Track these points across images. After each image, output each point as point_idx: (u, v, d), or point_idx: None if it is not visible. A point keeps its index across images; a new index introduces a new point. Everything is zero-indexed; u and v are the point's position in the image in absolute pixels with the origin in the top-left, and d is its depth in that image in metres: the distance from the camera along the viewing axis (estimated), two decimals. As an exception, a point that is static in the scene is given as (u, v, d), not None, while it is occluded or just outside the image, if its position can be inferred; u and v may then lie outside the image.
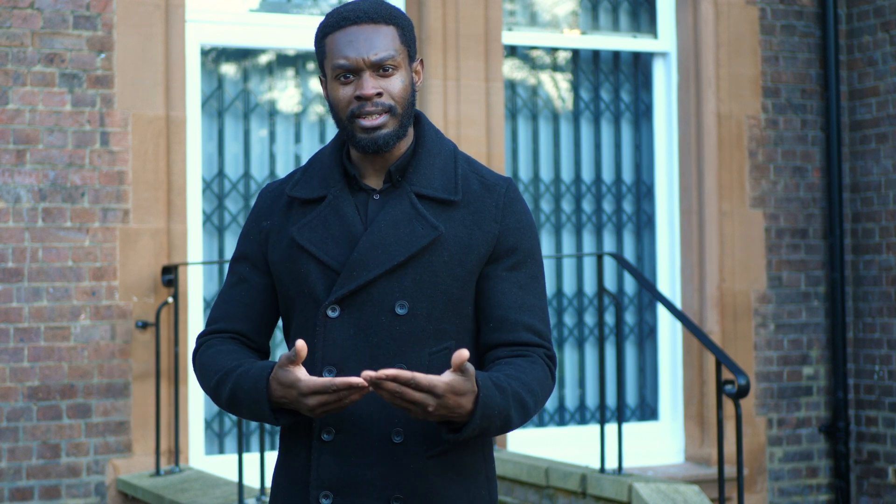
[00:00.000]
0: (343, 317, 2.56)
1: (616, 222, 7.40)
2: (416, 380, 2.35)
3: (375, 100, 2.55)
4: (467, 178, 2.64)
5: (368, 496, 2.54)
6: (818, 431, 7.45)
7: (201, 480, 5.89)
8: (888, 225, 7.32)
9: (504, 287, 2.60)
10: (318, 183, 2.66)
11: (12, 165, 6.04)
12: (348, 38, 2.57)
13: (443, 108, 6.72)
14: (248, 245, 2.72)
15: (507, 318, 2.59)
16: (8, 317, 6.02)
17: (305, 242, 2.60)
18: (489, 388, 2.43)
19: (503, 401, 2.45)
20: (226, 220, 6.64)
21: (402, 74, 2.59)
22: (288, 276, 2.63)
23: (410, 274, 2.55)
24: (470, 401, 2.40)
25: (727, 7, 7.31)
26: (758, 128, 7.38)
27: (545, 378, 2.58)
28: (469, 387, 2.39)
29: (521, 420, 2.52)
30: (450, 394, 2.37)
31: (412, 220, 2.57)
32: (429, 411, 2.38)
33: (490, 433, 2.49)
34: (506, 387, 2.47)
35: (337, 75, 2.58)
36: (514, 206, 2.63)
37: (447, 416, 2.40)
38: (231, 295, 2.73)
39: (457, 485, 2.58)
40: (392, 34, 2.58)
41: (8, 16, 6.05)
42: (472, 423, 2.41)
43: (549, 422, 7.24)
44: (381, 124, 2.56)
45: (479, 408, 2.40)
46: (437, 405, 2.37)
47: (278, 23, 6.74)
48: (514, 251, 2.61)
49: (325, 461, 2.56)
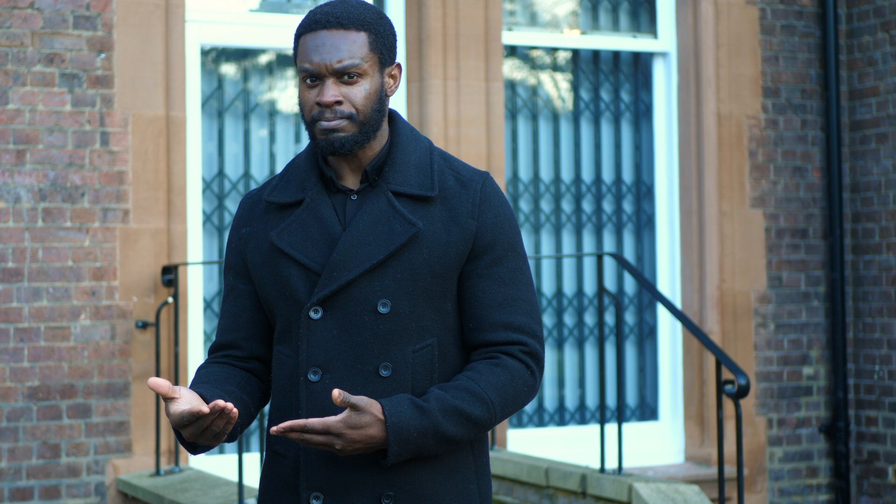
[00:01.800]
0: (326, 318, 2.58)
1: (616, 222, 7.40)
2: (308, 426, 2.44)
3: (335, 108, 2.57)
4: (443, 174, 2.65)
5: (359, 495, 2.56)
6: (818, 431, 7.45)
7: (201, 480, 5.89)
8: (888, 225, 7.32)
9: (483, 285, 2.61)
10: (295, 187, 2.67)
11: (12, 165, 6.04)
12: (316, 42, 2.58)
13: (443, 108, 6.72)
14: (232, 254, 2.75)
15: (485, 318, 2.61)
16: (8, 317, 6.02)
17: (285, 246, 2.62)
18: (402, 413, 2.48)
19: (424, 421, 2.49)
20: (226, 220, 6.64)
21: (368, 82, 2.59)
22: (269, 280, 2.65)
23: (391, 272, 2.57)
24: (379, 429, 2.47)
25: (727, 7, 7.31)
26: (758, 128, 7.38)
27: (511, 379, 2.59)
28: (367, 419, 2.46)
29: (472, 430, 2.55)
30: (348, 430, 2.45)
31: (390, 218, 2.59)
32: (339, 449, 2.46)
33: (428, 451, 2.53)
34: (430, 407, 2.50)
35: (303, 77, 2.60)
36: (490, 201, 2.64)
37: (364, 448, 2.48)
38: (224, 307, 2.78)
39: (446, 481, 2.60)
40: (361, 41, 2.59)
41: (8, 16, 6.06)
42: (390, 449, 2.48)
43: (549, 422, 7.24)
44: (337, 127, 2.57)
45: (390, 434, 2.47)
46: (344, 443, 2.46)
47: (278, 23, 6.74)
48: (493, 246, 2.62)
49: (314, 462, 2.58)
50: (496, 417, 2.57)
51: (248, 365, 2.75)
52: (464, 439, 2.56)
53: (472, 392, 2.54)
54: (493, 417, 2.56)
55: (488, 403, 2.55)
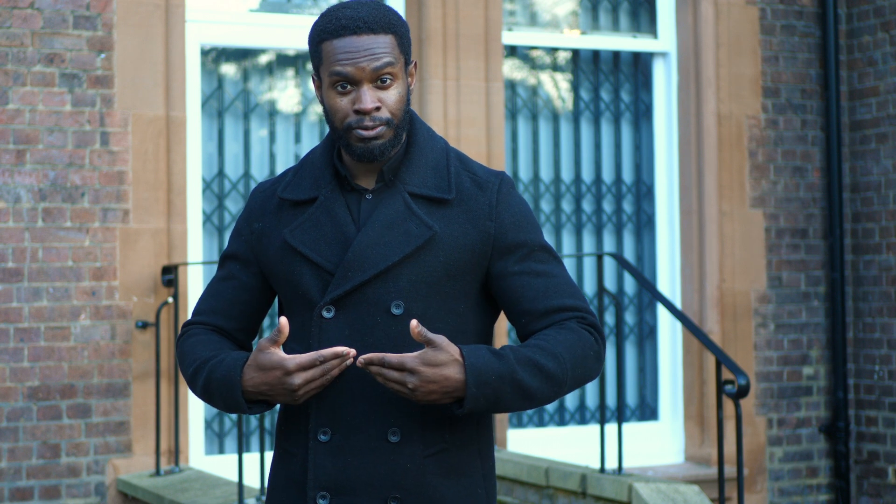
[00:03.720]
0: (338, 317, 2.57)
1: (616, 222, 7.40)
2: (385, 359, 2.39)
3: (374, 114, 2.55)
4: (460, 175, 2.64)
5: (366, 496, 2.54)
6: (818, 431, 7.45)
7: (201, 480, 5.89)
8: (888, 225, 7.32)
9: (521, 281, 2.60)
10: (309, 184, 2.66)
11: (12, 165, 6.04)
12: (347, 47, 2.54)
13: (443, 108, 6.72)
14: (239, 244, 2.73)
15: (535, 310, 2.59)
16: (8, 317, 6.02)
17: (298, 244, 2.61)
18: (480, 355, 2.44)
19: (502, 366, 2.44)
20: (226, 220, 6.64)
21: (399, 84, 2.58)
22: (282, 278, 2.64)
23: (405, 274, 2.56)
24: (456, 370, 2.41)
25: (727, 7, 7.31)
26: (758, 128, 7.38)
27: (577, 339, 2.55)
28: (445, 357, 2.40)
29: (547, 385, 2.49)
30: (424, 367, 2.39)
31: (406, 220, 2.57)
32: (412, 388, 2.40)
33: (505, 402, 2.46)
34: (506, 353, 2.46)
35: (334, 83, 2.56)
36: (508, 201, 2.63)
37: (440, 390, 2.42)
38: (217, 289, 2.74)
39: (454, 484, 2.58)
40: (391, 43, 2.57)
41: (8, 16, 6.06)
42: (468, 391, 2.41)
43: (549, 422, 7.24)
44: (378, 135, 2.55)
45: (468, 375, 2.41)
46: (418, 381, 2.40)
47: (278, 23, 6.74)
48: (518, 244, 2.61)
49: (322, 462, 2.57)
50: (567, 375, 2.52)
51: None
52: (539, 395, 2.49)
53: (543, 348, 2.50)
54: (565, 374, 2.51)
55: (560, 358, 2.50)
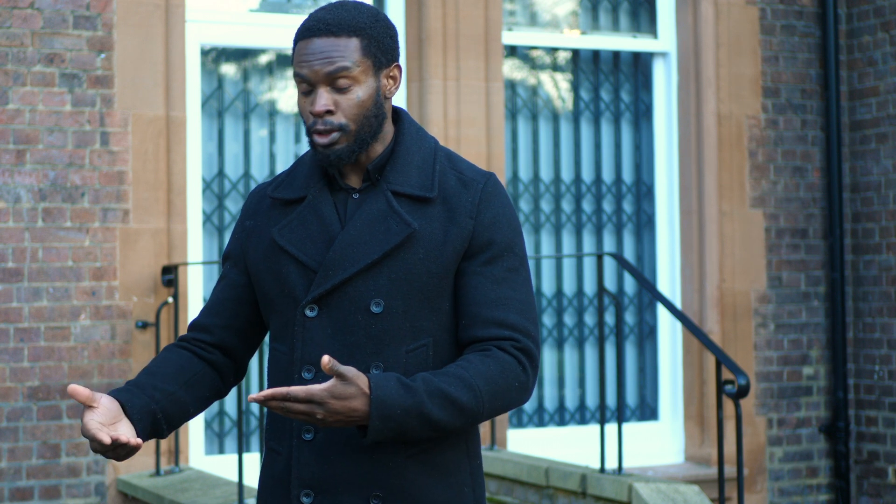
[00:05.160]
0: (321, 316, 2.58)
1: (616, 222, 7.40)
2: (292, 394, 2.39)
3: (326, 118, 2.56)
4: (445, 174, 2.64)
5: (349, 494, 2.55)
6: (818, 431, 7.45)
7: (201, 480, 5.89)
8: (888, 225, 7.32)
9: (477, 282, 2.60)
10: (299, 184, 2.68)
11: (12, 165, 6.04)
12: (306, 49, 2.57)
13: (443, 108, 6.72)
14: (233, 243, 2.77)
15: (478, 315, 2.58)
16: (8, 317, 6.02)
17: (285, 243, 2.63)
18: (388, 388, 2.44)
19: (410, 399, 2.44)
20: (226, 220, 6.65)
21: (361, 88, 2.57)
22: (269, 276, 2.66)
23: (385, 272, 2.56)
24: (362, 403, 2.42)
25: (727, 7, 7.32)
26: (758, 128, 7.38)
27: (500, 370, 2.54)
28: (353, 390, 2.41)
29: (458, 417, 2.50)
30: (331, 399, 2.40)
31: (387, 218, 2.59)
32: (319, 419, 2.41)
33: (411, 433, 2.47)
34: (416, 386, 2.46)
35: (298, 84, 2.60)
36: (491, 201, 2.63)
37: (345, 421, 2.43)
38: (215, 289, 2.79)
39: (438, 482, 2.58)
40: (354, 46, 2.57)
41: (8, 16, 6.06)
42: (371, 424, 2.42)
43: (549, 422, 7.24)
44: (332, 141, 2.57)
45: (373, 408, 2.41)
46: (325, 413, 2.40)
47: (278, 23, 6.74)
48: (490, 245, 2.60)
49: (306, 460, 2.58)
50: (484, 407, 2.52)
51: (211, 356, 2.74)
52: (449, 426, 2.50)
53: (460, 378, 2.50)
54: (480, 406, 2.51)
55: (476, 391, 2.50)
